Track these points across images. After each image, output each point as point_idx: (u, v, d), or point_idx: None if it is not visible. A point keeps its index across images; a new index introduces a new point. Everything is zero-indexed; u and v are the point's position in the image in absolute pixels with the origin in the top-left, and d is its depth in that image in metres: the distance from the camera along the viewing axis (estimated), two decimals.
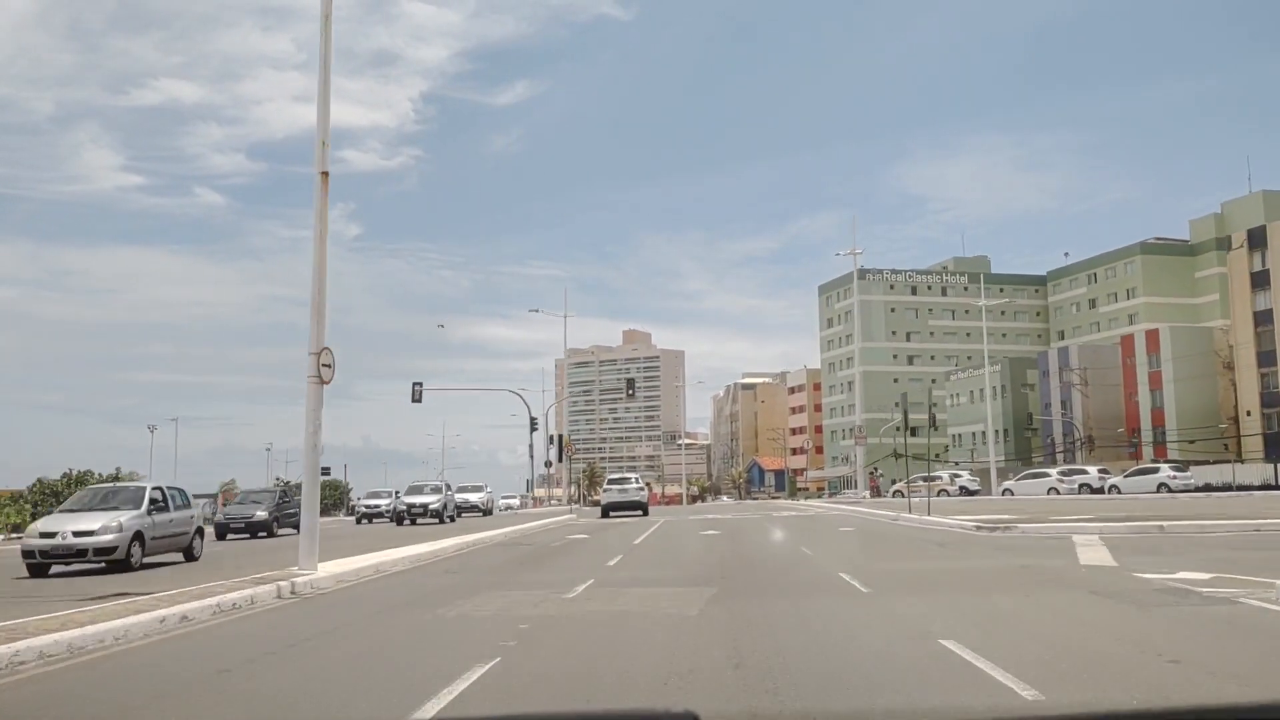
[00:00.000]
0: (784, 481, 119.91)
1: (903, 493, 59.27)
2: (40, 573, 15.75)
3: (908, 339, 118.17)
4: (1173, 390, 78.53)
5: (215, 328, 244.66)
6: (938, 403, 37.33)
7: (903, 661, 6.68)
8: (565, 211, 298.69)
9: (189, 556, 18.31)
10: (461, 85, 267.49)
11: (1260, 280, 70.72)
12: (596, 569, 14.48)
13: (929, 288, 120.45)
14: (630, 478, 42.61)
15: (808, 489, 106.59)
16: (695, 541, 21.10)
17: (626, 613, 9.39)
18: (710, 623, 8.63)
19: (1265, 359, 69.82)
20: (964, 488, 56.37)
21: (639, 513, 38.64)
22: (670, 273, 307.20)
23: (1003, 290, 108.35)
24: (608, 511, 39.25)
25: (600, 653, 7.45)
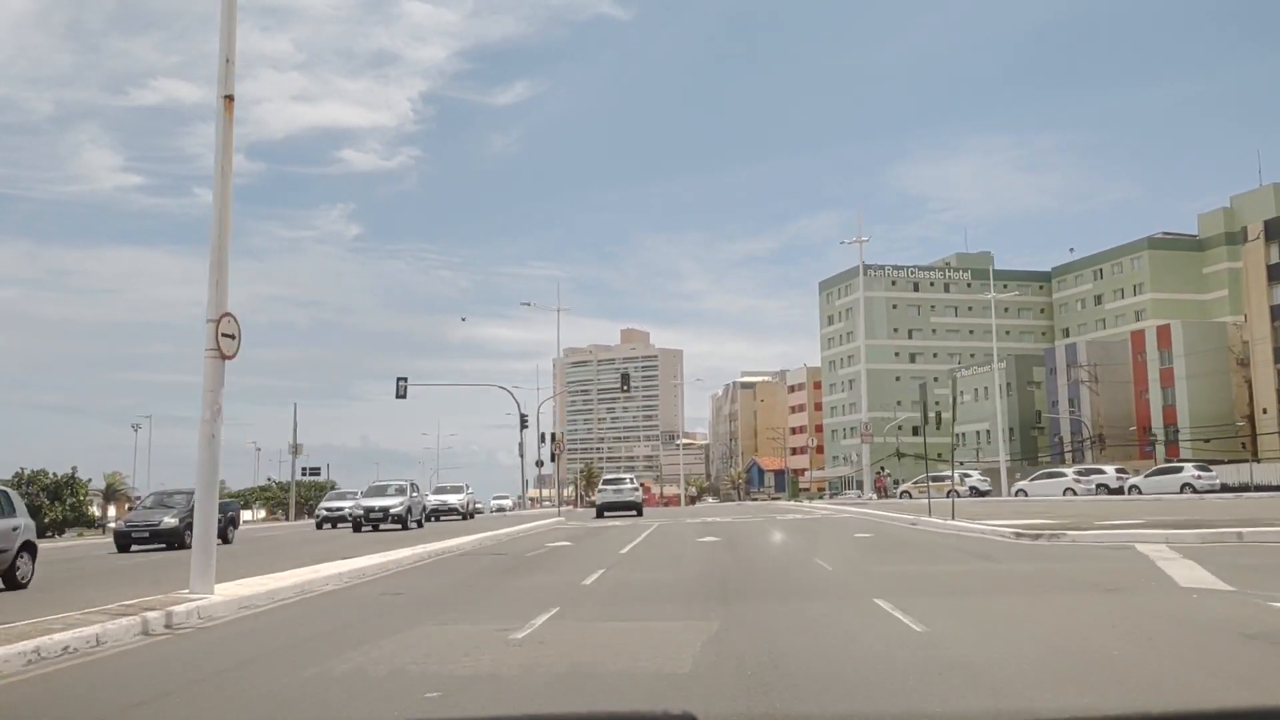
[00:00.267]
0: (784, 482, 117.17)
1: (910, 493, 56.61)
2: None
3: (910, 336, 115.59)
4: (1185, 387, 76.25)
5: None
6: (940, 401, 34.88)
7: None
8: (564, 211, 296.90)
9: (9, 582, 14.03)
10: (461, 85, 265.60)
11: (1277, 273, 68.07)
12: (567, 590, 11.70)
13: (931, 284, 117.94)
14: (625, 478, 43.34)
15: (808, 489, 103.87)
16: (691, 551, 18.31)
17: (588, 670, 6.60)
18: (709, 683, 5.91)
19: None
20: (974, 488, 53.81)
21: (633, 513, 38.91)
22: (670, 273, 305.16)
23: (1006, 287, 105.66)
24: (602, 512, 39.57)
25: None
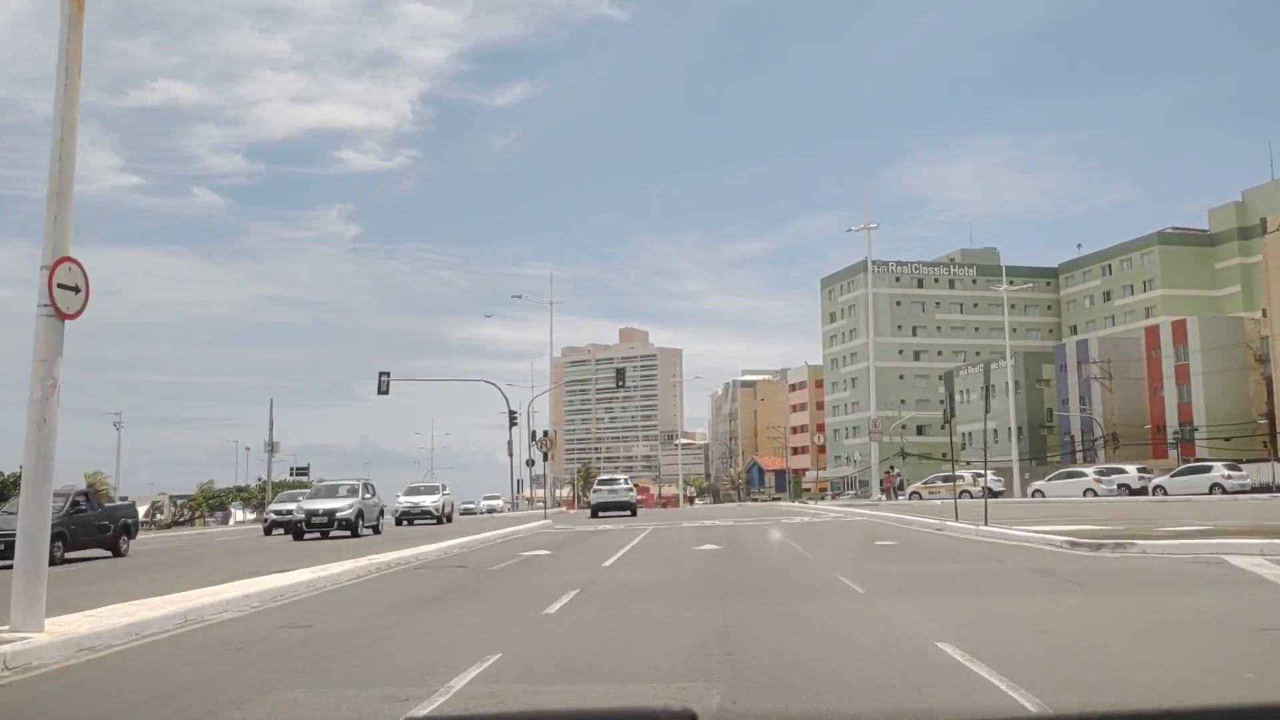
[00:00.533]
0: (785, 482, 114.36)
1: (920, 494, 53.71)
2: None
3: (914, 333, 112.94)
4: (1201, 385, 73.74)
5: (214, 328, 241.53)
6: (944, 399, 32.33)
7: None
8: (564, 212, 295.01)
9: None
10: (460, 86, 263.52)
11: None
12: (518, 625, 8.89)
13: (935, 280, 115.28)
14: (620, 479, 44.56)
15: (810, 490, 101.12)
16: (687, 562, 15.53)
17: None
18: None
19: None
20: (989, 489, 51.10)
21: (628, 513, 39.37)
22: (669, 273, 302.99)
23: (1013, 283, 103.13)
24: (597, 512, 39.94)
25: None
